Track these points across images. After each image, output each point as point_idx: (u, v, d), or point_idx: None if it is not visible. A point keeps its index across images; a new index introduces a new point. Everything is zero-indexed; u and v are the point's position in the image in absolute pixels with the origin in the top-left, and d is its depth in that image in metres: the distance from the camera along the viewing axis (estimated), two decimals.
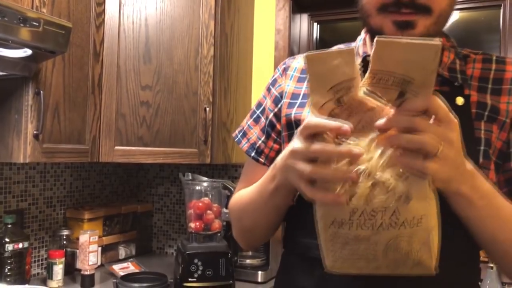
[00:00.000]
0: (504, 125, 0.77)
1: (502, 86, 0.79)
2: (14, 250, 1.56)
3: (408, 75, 0.55)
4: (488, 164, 0.75)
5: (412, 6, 0.72)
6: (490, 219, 0.68)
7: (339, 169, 0.58)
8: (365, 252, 0.62)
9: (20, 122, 1.43)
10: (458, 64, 0.81)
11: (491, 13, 1.95)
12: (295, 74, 0.92)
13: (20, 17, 1.18)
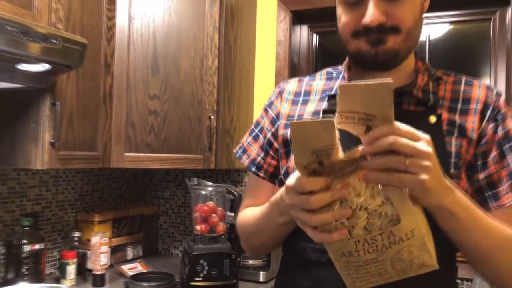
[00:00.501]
0: (471, 141, 0.86)
1: (469, 107, 0.89)
2: (31, 251, 1.66)
3: (369, 112, 0.64)
4: (459, 174, 0.85)
5: (381, 29, 0.83)
6: (472, 230, 0.77)
7: (335, 212, 0.67)
8: (376, 269, 0.72)
9: (38, 131, 1.53)
10: (431, 86, 0.91)
11: (482, 25, 2.04)
12: (290, 97, 1.03)
13: (41, 36, 1.27)
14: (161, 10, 1.87)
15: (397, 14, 0.83)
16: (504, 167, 0.86)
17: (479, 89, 0.91)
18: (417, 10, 0.86)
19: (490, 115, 0.88)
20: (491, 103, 0.89)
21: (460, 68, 2.12)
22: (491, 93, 0.90)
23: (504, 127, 0.87)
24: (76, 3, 1.61)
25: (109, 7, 1.78)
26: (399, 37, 0.84)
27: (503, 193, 0.85)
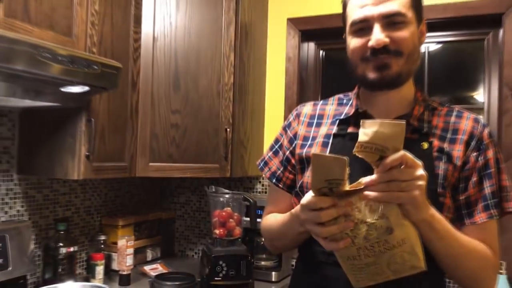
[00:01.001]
0: (456, 166, 1.02)
1: (457, 136, 1.05)
2: (66, 253, 1.83)
3: (385, 145, 0.81)
4: (445, 193, 1.01)
5: (386, 51, 0.99)
6: (445, 240, 0.94)
7: (340, 225, 0.85)
8: (376, 270, 0.90)
9: (74, 145, 1.69)
10: (426, 115, 1.07)
11: (477, 44, 2.21)
12: (306, 120, 1.20)
13: (85, 63, 1.44)
14: (182, 31, 2.04)
15: (398, 38, 0.99)
16: (480, 191, 1.02)
17: (467, 121, 1.07)
18: (415, 36, 1.03)
19: (474, 145, 1.04)
20: (476, 134, 1.04)
21: (457, 79, 2.29)
22: (477, 125, 1.06)
23: (484, 157, 1.03)
24: (107, 28, 1.78)
25: (136, 29, 1.94)
26: (401, 60, 1.00)
27: (476, 212, 1.02)
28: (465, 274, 1.01)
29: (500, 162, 1.06)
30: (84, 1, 1.64)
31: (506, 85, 2.00)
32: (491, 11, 2.02)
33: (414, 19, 1.03)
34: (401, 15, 0.99)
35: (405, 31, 1.00)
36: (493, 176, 1.03)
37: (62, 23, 1.56)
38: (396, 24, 0.99)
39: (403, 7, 1.00)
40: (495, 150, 1.06)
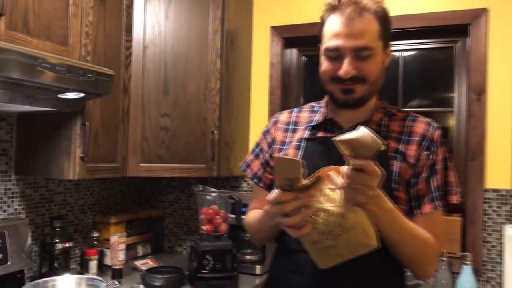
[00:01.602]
0: (409, 164, 1.17)
1: (411, 138, 1.19)
2: (62, 248, 1.95)
3: (360, 151, 0.93)
4: (399, 188, 1.15)
5: (352, 79, 1.13)
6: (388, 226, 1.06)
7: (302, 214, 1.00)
8: (335, 252, 1.04)
9: (70, 147, 1.81)
10: (384, 121, 1.21)
11: (447, 51, 2.36)
12: (282, 126, 1.35)
13: (80, 72, 1.56)
14: (171, 40, 2.17)
15: (365, 69, 1.13)
16: (428, 185, 1.17)
17: (420, 124, 1.21)
18: (379, 66, 1.16)
19: (425, 145, 1.18)
20: (428, 136, 1.19)
21: (430, 84, 2.45)
22: (429, 128, 1.20)
23: (434, 156, 1.18)
24: (100, 37, 1.90)
25: (127, 38, 2.06)
26: (365, 86, 1.14)
27: (424, 204, 1.16)
28: (409, 257, 1.14)
29: (448, 161, 1.19)
30: (79, 12, 1.76)
31: (472, 90, 2.15)
32: (459, 21, 2.17)
33: (381, 47, 1.15)
34: (369, 49, 1.11)
35: (372, 62, 1.13)
36: (439, 172, 1.17)
37: (58, 34, 1.68)
38: (364, 57, 1.12)
39: (372, 41, 1.12)
40: (444, 150, 1.19)
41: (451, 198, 1.18)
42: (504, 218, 2.09)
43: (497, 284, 2.08)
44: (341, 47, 1.11)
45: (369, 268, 1.14)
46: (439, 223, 1.19)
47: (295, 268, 1.20)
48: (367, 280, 1.15)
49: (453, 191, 1.18)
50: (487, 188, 2.12)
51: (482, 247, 2.11)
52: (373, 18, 1.12)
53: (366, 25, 1.11)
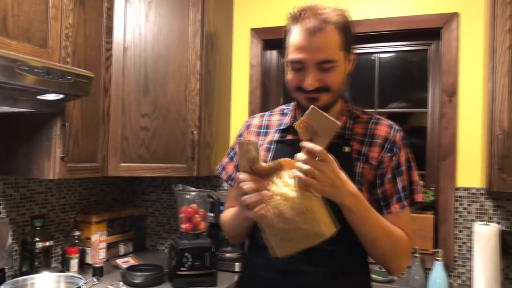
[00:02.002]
0: (372, 166, 1.22)
1: (373, 140, 1.24)
2: (42, 247, 1.97)
3: (317, 130, 1.01)
4: (361, 187, 1.20)
5: (315, 90, 1.17)
6: (362, 223, 1.12)
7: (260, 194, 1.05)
8: (289, 236, 1.08)
9: (50, 147, 1.84)
10: (349, 123, 1.26)
11: (422, 53, 2.43)
12: (255, 130, 1.39)
13: (59, 74, 1.59)
14: (151, 41, 2.20)
15: (328, 80, 1.16)
16: (394, 186, 1.21)
17: (383, 127, 1.25)
18: (342, 75, 1.20)
19: (388, 147, 1.23)
20: (390, 138, 1.23)
21: (405, 85, 2.52)
22: (391, 130, 1.25)
23: (397, 157, 1.22)
24: (80, 39, 1.93)
25: (107, 40, 2.10)
26: (328, 95, 1.19)
27: (391, 204, 1.21)
28: (383, 253, 1.20)
29: (411, 161, 1.24)
30: (58, 15, 1.79)
31: (444, 92, 2.22)
32: (431, 25, 2.24)
33: (343, 57, 1.19)
34: (331, 62, 1.14)
35: (334, 73, 1.16)
36: (404, 173, 1.21)
37: (38, 36, 1.71)
38: (327, 68, 1.15)
39: (334, 54, 1.15)
40: (406, 151, 1.24)
41: (417, 196, 1.23)
42: (474, 215, 2.16)
43: (467, 279, 2.16)
44: (303, 60, 1.15)
45: (334, 264, 1.19)
46: (408, 221, 1.24)
47: (264, 264, 1.25)
48: (332, 276, 1.20)
49: (418, 189, 1.23)
50: (458, 187, 2.20)
51: (453, 244, 2.18)
52: (335, 30, 1.15)
53: (327, 38, 1.14)
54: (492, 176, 1.86)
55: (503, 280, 2.08)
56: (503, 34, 1.85)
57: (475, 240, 2.02)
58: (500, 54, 1.85)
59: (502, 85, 1.85)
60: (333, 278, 1.20)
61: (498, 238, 1.99)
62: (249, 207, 1.07)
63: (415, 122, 2.51)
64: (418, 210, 2.25)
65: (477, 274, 2.01)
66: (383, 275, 2.22)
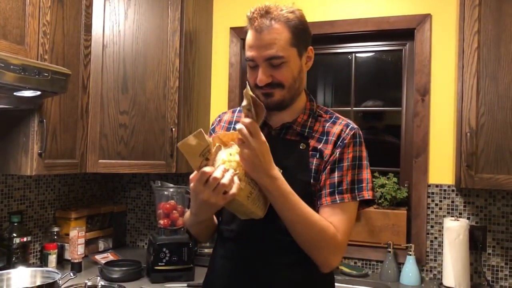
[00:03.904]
0: (326, 163, 1.24)
1: (328, 138, 1.26)
2: (20, 243, 1.99)
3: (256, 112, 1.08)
4: (316, 183, 1.23)
5: (269, 85, 1.21)
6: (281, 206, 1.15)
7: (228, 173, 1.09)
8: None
9: (27, 143, 1.85)
10: (309, 122, 1.29)
11: (396, 53, 2.49)
12: (225, 125, 1.43)
13: (36, 71, 1.61)
14: (130, 39, 2.23)
15: (278, 76, 1.20)
16: (330, 179, 1.23)
17: (339, 126, 1.28)
18: (295, 71, 1.22)
19: (339, 144, 1.25)
20: (342, 136, 1.25)
21: (381, 84, 2.57)
22: (345, 128, 1.27)
23: (341, 153, 1.24)
24: (58, 36, 1.94)
25: (86, 37, 2.11)
26: (283, 91, 1.22)
27: (323, 196, 1.23)
28: (305, 241, 1.19)
29: (362, 160, 1.26)
30: (36, 12, 1.81)
31: (417, 91, 2.28)
32: (405, 26, 2.30)
33: (295, 54, 1.22)
34: (280, 58, 1.18)
35: (285, 69, 1.20)
36: (344, 169, 1.23)
37: (14, 33, 1.72)
38: (277, 64, 1.19)
39: (282, 50, 1.18)
40: (357, 149, 1.26)
41: (361, 194, 1.23)
42: (446, 211, 2.23)
43: (438, 273, 2.22)
44: (254, 57, 1.20)
45: (293, 254, 1.22)
46: (343, 218, 1.22)
47: (225, 254, 1.31)
48: (290, 265, 1.23)
49: (364, 187, 1.24)
50: (430, 183, 2.26)
51: (425, 239, 2.25)
52: (283, 28, 1.19)
53: (274, 35, 1.17)
54: (461, 173, 1.92)
55: (472, 273, 2.15)
56: (471, 35, 1.91)
57: (446, 235, 2.08)
58: (469, 55, 1.92)
59: (470, 85, 1.92)
60: (292, 268, 1.23)
61: (468, 233, 2.06)
62: (226, 193, 1.07)
63: (390, 121, 2.57)
64: (392, 206, 2.31)
65: (447, 268, 2.07)
66: (357, 270, 2.27)
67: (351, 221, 1.24)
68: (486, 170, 1.90)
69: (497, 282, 2.13)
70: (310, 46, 1.28)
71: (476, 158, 1.91)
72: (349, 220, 1.23)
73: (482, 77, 1.91)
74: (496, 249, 2.14)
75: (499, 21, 1.88)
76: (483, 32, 1.90)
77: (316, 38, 2.49)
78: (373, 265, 2.33)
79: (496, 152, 1.89)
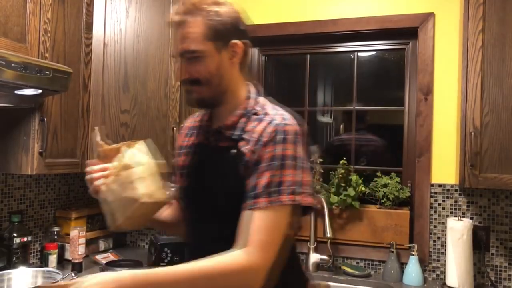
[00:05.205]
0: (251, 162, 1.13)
1: (252, 137, 1.15)
2: (20, 243, 1.97)
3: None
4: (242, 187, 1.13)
5: (188, 81, 1.19)
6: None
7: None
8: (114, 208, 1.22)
9: (28, 142, 1.83)
10: (240, 123, 1.18)
11: (399, 52, 2.48)
12: (184, 132, 1.40)
13: (37, 69, 1.59)
14: (131, 38, 2.21)
15: (194, 71, 1.17)
16: (249, 183, 1.11)
17: (263, 123, 1.15)
18: (212, 67, 1.16)
19: (258, 144, 1.12)
20: (263, 134, 1.13)
21: (384, 83, 2.56)
22: (267, 125, 1.14)
23: (260, 153, 1.11)
24: (59, 34, 1.92)
25: (87, 35, 2.09)
26: (201, 88, 1.18)
27: (244, 201, 1.10)
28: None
29: (285, 159, 1.10)
30: (37, 10, 1.79)
31: (420, 90, 2.27)
32: (408, 25, 2.29)
33: (213, 48, 1.15)
34: (194, 52, 1.15)
35: (201, 64, 1.16)
36: (261, 171, 1.10)
37: (15, 31, 1.70)
38: (193, 59, 1.16)
39: (197, 44, 1.14)
40: (275, 148, 1.10)
41: (278, 199, 1.08)
42: (449, 211, 2.22)
43: (441, 273, 2.21)
44: (174, 53, 1.21)
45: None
46: (262, 226, 1.07)
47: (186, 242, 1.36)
48: None
49: (283, 191, 1.09)
50: (433, 183, 2.25)
51: (428, 239, 2.24)
52: (199, 22, 1.15)
53: (188, 29, 1.15)
54: (465, 173, 1.91)
55: (475, 273, 2.14)
56: (475, 34, 1.90)
57: (449, 235, 2.07)
58: (473, 54, 1.90)
59: (474, 84, 1.90)
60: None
61: (471, 233, 2.05)
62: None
63: (392, 120, 2.56)
64: (394, 206, 2.30)
65: (450, 268, 2.06)
66: (360, 270, 2.26)
67: (273, 231, 1.08)
68: (490, 170, 1.89)
69: (501, 282, 2.12)
70: (236, 41, 1.19)
71: (480, 158, 1.90)
72: (269, 229, 1.07)
73: (487, 76, 1.89)
74: (500, 249, 2.13)
75: (503, 20, 1.87)
76: (487, 31, 1.89)
77: (319, 36, 2.53)
78: (376, 265, 2.32)
79: (500, 151, 1.87)
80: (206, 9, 1.16)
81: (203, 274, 1.02)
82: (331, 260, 2.28)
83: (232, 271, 1.03)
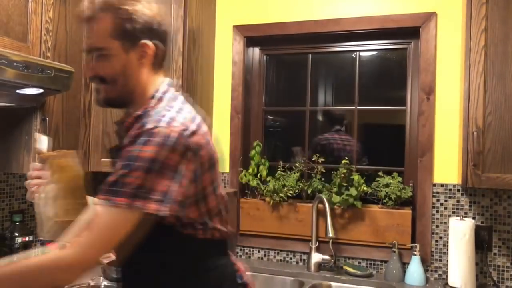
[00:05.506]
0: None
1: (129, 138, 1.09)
2: (22, 242, 1.97)
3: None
4: None
5: (94, 81, 1.19)
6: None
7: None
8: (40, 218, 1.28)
9: (30, 142, 1.83)
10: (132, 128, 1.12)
11: (402, 52, 2.48)
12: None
13: (39, 68, 1.59)
14: None
15: (98, 69, 1.15)
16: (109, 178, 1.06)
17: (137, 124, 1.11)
18: (117, 66, 1.13)
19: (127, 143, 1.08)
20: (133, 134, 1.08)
21: (386, 83, 2.56)
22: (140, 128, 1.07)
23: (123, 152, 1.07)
24: (61, 34, 1.92)
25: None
26: (107, 87, 1.16)
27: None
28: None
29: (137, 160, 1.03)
30: (39, 9, 1.78)
31: (422, 90, 2.27)
32: (410, 24, 2.29)
33: (119, 47, 1.12)
34: (98, 49, 1.13)
35: (106, 63, 1.13)
36: (116, 169, 1.05)
37: (17, 30, 1.70)
38: (99, 57, 1.14)
39: (101, 42, 1.12)
40: (134, 148, 1.05)
41: (112, 198, 1.02)
42: (451, 211, 2.21)
43: (443, 273, 2.21)
44: (83, 49, 1.20)
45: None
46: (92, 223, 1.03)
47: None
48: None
49: (120, 192, 1.01)
50: (435, 183, 2.25)
51: (430, 239, 2.23)
52: (107, 18, 1.12)
53: (94, 25, 1.13)
54: (467, 173, 1.91)
55: (478, 273, 2.13)
56: (478, 34, 1.89)
57: (451, 235, 2.07)
58: (476, 53, 1.90)
59: (477, 84, 1.90)
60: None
61: (473, 233, 2.05)
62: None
63: (394, 120, 2.55)
64: (396, 206, 2.29)
65: (452, 268, 2.06)
66: (362, 270, 2.26)
67: (101, 229, 1.03)
68: (493, 170, 1.88)
69: (503, 282, 2.12)
70: (146, 42, 1.15)
71: (483, 158, 1.89)
72: (101, 227, 1.03)
73: (489, 75, 1.89)
74: (502, 249, 2.13)
75: (506, 19, 1.87)
76: (490, 31, 1.89)
77: (321, 36, 2.52)
78: (378, 265, 2.32)
79: (503, 151, 1.87)
80: (118, 6, 1.12)
81: (20, 268, 1.04)
82: (333, 260, 2.28)
83: (41, 266, 1.04)
